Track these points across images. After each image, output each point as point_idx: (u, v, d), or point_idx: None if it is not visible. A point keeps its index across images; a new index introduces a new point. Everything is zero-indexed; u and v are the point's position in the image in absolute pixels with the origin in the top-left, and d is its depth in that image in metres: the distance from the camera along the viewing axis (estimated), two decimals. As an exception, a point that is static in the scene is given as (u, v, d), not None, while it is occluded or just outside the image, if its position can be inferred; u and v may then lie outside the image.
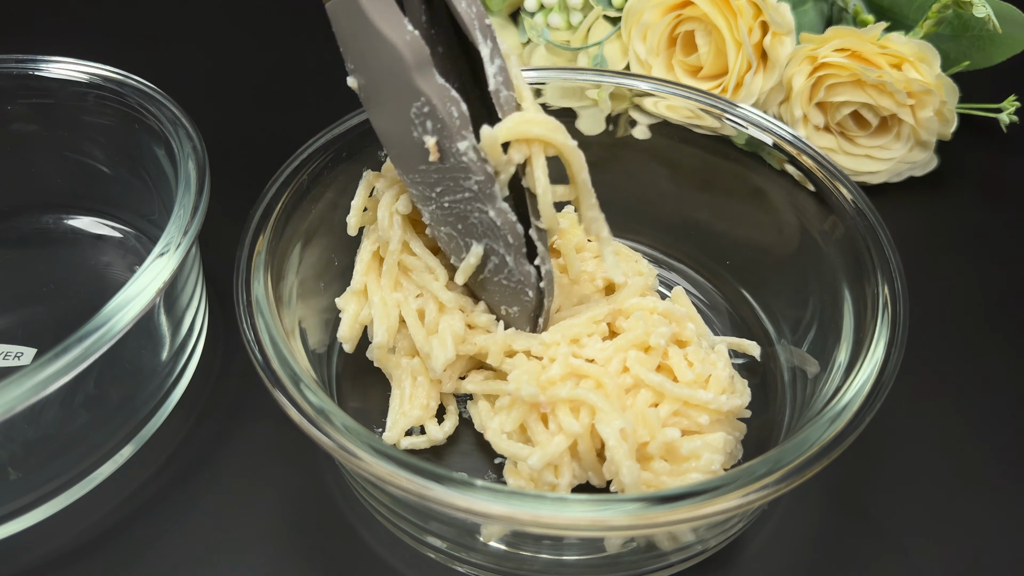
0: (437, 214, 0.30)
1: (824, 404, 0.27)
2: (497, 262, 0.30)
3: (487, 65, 0.28)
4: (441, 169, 0.28)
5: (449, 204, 0.29)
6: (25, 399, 0.25)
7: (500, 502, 0.23)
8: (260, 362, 0.27)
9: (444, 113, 0.27)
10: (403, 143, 0.29)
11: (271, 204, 0.31)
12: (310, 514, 0.32)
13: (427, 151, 0.28)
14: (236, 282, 0.29)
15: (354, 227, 0.34)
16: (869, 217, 0.31)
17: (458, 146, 0.27)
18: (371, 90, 0.29)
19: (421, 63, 0.26)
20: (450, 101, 0.27)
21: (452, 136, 0.27)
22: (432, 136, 0.27)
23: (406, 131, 0.28)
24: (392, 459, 0.24)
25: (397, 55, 0.26)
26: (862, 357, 0.27)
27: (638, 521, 0.23)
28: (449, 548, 0.30)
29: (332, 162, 0.34)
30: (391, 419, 0.33)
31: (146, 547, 0.31)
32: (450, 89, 0.27)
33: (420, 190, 0.30)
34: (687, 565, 0.30)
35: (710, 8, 0.42)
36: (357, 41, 0.28)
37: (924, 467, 0.34)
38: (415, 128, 0.28)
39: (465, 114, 0.27)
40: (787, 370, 0.34)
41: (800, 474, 0.24)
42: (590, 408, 0.29)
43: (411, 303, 0.33)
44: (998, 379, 0.37)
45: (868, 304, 0.29)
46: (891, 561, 0.31)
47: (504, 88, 0.28)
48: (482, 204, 0.28)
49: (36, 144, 0.40)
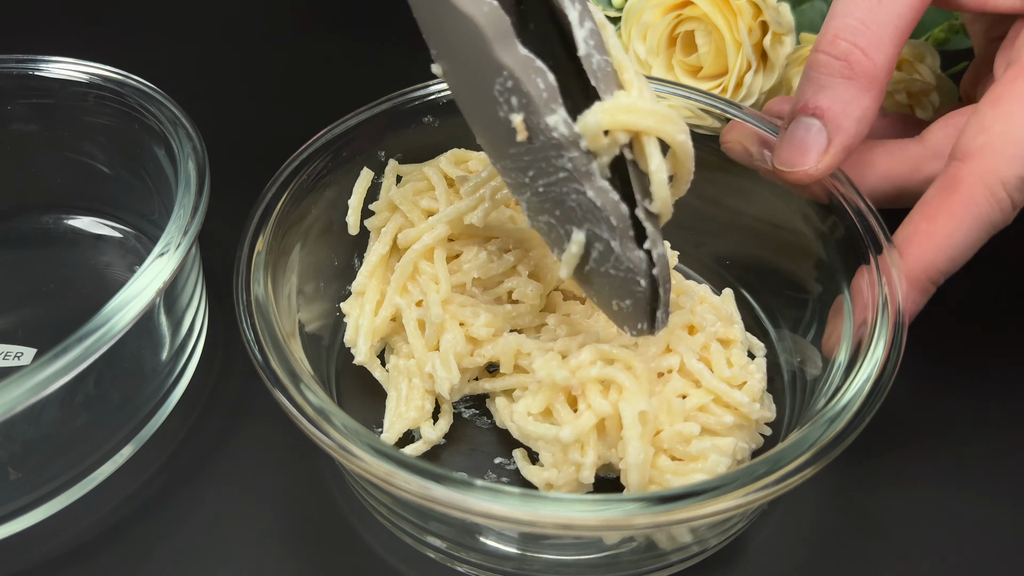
0: (533, 201, 0.28)
1: (824, 404, 0.27)
2: (602, 249, 0.27)
3: (575, 29, 0.25)
4: (532, 150, 0.26)
5: (544, 188, 0.27)
6: (25, 399, 0.25)
7: (500, 502, 0.23)
8: (260, 362, 0.27)
9: (529, 85, 0.24)
10: (491, 126, 0.27)
11: (271, 204, 0.31)
12: (310, 514, 0.32)
13: (514, 131, 0.25)
14: (236, 282, 0.29)
15: (354, 226, 0.34)
16: (868, 217, 0.31)
17: (547, 121, 0.24)
18: (455, 74, 0.27)
19: (501, 34, 0.24)
20: (535, 72, 0.24)
21: (539, 111, 0.24)
22: (518, 113, 0.25)
23: (492, 112, 0.26)
24: (392, 459, 0.24)
25: (475, 29, 0.24)
26: (862, 357, 0.27)
27: (637, 521, 0.23)
28: (449, 548, 0.30)
29: (332, 162, 0.34)
30: (388, 421, 0.33)
31: (146, 547, 0.31)
32: (534, 59, 0.24)
33: (514, 177, 0.27)
34: (687, 565, 0.30)
35: (710, 8, 0.42)
36: (436, 22, 0.26)
37: (924, 467, 0.34)
38: (500, 107, 0.25)
39: (553, 85, 0.24)
40: (787, 371, 0.34)
41: (799, 474, 0.24)
42: (619, 387, 0.29)
43: (412, 311, 0.33)
44: (999, 378, 0.37)
45: (868, 305, 0.29)
46: (891, 561, 0.31)
47: (596, 52, 0.25)
48: (579, 184, 0.25)
49: (36, 144, 0.40)
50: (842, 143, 0.29)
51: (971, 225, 0.28)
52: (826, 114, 0.29)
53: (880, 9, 0.29)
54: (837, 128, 0.29)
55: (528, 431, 0.30)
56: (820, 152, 0.29)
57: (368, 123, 0.35)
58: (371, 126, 0.35)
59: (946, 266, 0.29)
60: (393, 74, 0.36)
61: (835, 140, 0.29)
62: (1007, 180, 0.28)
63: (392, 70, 0.38)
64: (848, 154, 0.30)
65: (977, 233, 0.28)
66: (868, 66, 0.29)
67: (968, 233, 0.28)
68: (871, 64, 0.29)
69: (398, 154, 0.36)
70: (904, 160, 0.32)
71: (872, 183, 0.33)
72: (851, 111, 0.29)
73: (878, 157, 0.33)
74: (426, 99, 0.36)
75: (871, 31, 0.29)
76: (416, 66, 0.32)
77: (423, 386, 0.32)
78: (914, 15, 0.29)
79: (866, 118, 0.29)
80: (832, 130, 0.29)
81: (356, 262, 0.37)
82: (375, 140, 0.36)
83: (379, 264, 0.34)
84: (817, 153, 0.29)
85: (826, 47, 0.29)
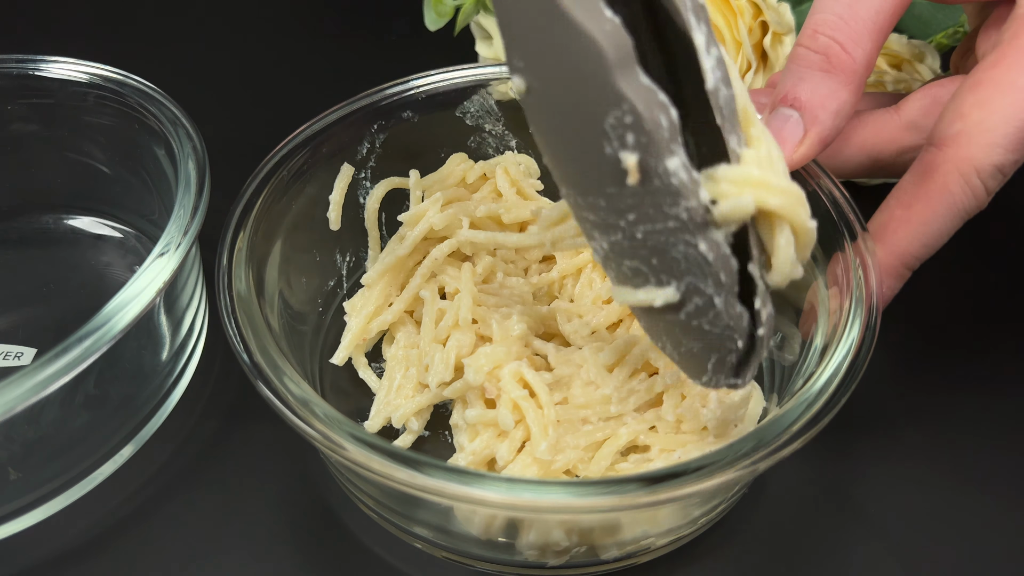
0: (623, 245, 0.24)
1: (801, 385, 0.27)
2: (700, 304, 0.24)
3: (702, 56, 0.22)
4: (639, 193, 0.22)
5: (644, 235, 0.23)
6: (25, 399, 0.25)
7: (478, 486, 0.23)
8: (243, 356, 0.27)
9: (651, 124, 0.21)
10: (586, 160, 0.23)
11: (251, 200, 0.31)
12: (310, 513, 0.32)
13: (623, 171, 0.22)
14: (218, 278, 0.29)
15: (335, 222, 0.35)
16: (843, 205, 0.31)
17: (667, 165, 0.21)
18: (546, 95, 0.23)
19: (623, 59, 0.20)
20: (658, 108, 0.21)
21: (660, 153, 0.21)
22: (634, 153, 0.21)
23: (595, 146, 0.22)
24: (374, 447, 0.24)
25: (593, 49, 0.20)
26: (837, 339, 0.28)
27: (617, 503, 0.23)
28: (435, 537, 0.30)
29: (312, 158, 0.34)
30: (375, 408, 0.33)
31: (146, 547, 0.31)
32: (657, 91, 0.21)
33: (600, 216, 0.24)
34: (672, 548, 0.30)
35: (710, 8, 0.42)
36: (532, 29, 0.21)
37: (925, 466, 0.34)
38: (610, 143, 0.22)
39: (676, 123, 0.21)
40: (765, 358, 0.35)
41: (785, 448, 0.24)
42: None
43: (435, 302, 0.34)
44: (996, 376, 0.37)
45: (843, 290, 0.29)
46: (891, 561, 0.31)
47: (724, 87, 0.22)
48: (691, 236, 0.22)
49: (36, 144, 0.40)
50: (818, 135, 0.29)
51: (945, 213, 0.29)
52: (804, 106, 0.29)
53: (859, 5, 0.29)
54: (814, 120, 0.29)
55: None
56: (795, 143, 0.29)
57: (347, 119, 0.35)
58: (350, 121, 0.35)
59: (920, 252, 0.29)
60: (397, 73, 0.36)
61: (811, 132, 0.29)
62: (982, 168, 0.28)
63: (396, 68, 0.38)
64: (824, 146, 0.30)
65: (951, 220, 0.29)
66: (846, 61, 0.29)
67: (942, 221, 0.29)
68: (849, 59, 0.29)
69: (378, 149, 0.36)
70: (880, 131, 0.33)
71: (848, 154, 0.33)
72: (828, 104, 0.29)
73: (853, 128, 0.33)
74: (405, 95, 0.36)
75: (849, 26, 0.29)
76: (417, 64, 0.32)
77: (417, 378, 0.33)
78: (894, 11, 0.30)
79: (843, 111, 0.30)
80: (809, 121, 0.29)
81: (338, 257, 0.37)
82: (355, 136, 0.36)
83: (395, 266, 0.35)
84: (793, 144, 0.30)
85: (806, 41, 0.30)
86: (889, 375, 0.36)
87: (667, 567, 0.31)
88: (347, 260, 0.37)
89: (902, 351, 0.37)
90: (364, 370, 0.35)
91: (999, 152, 0.28)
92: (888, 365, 0.36)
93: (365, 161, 0.36)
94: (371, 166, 0.36)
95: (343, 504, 0.32)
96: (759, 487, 0.33)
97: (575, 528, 0.27)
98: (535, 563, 0.29)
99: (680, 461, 0.24)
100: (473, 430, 0.31)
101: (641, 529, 0.28)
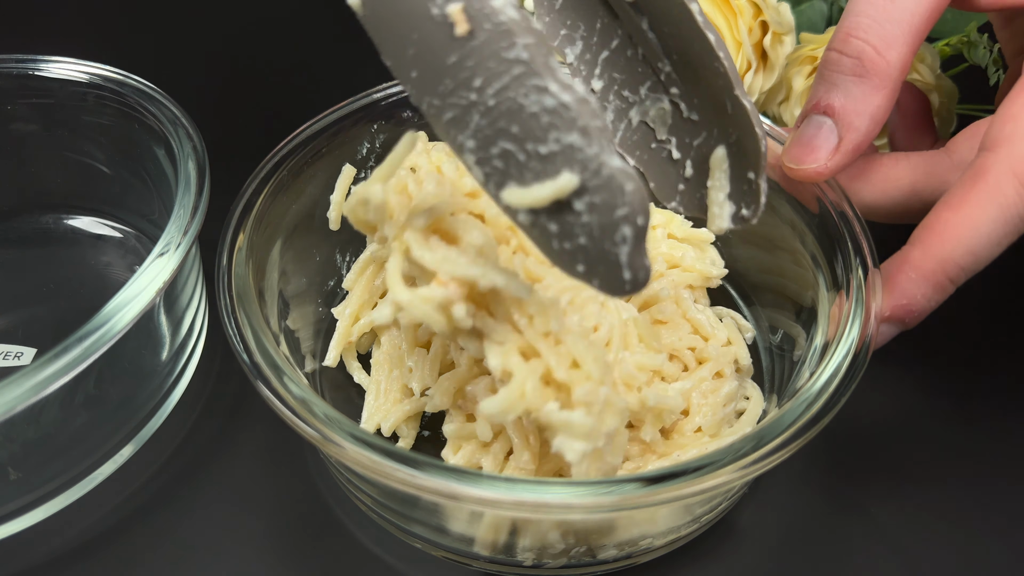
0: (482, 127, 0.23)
1: (802, 384, 0.27)
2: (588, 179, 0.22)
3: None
4: (475, 49, 0.22)
5: (496, 98, 0.22)
6: (25, 399, 0.25)
7: (477, 486, 0.23)
8: (243, 356, 0.27)
9: None
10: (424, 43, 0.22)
11: (251, 200, 0.31)
12: (310, 513, 0.32)
13: (452, 33, 0.22)
14: (217, 277, 0.29)
15: (336, 222, 0.35)
16: (845, 208, 0.31)
17: (492, 4, 0.21)
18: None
19: None
20: None
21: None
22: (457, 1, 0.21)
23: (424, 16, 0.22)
24: (372, 446, 0.24)
25: None
26: (837, 338, 0.28)
27: (624, 502, 0.23)
28: (434, 536, 0.30)
29: (312, 158, 0.34)
30: (365, 413, 0.33)
31: (146, 547, 0.31)
32: None
33: (455, 102, 0.23)
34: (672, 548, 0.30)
35: (710, 8, 0.42)
36: None
37: (925, 466, 0.34)
38: (434, 3, 0.21)
39: None
40: (764, 354, 0.35)
41: (785, 448, 0.24)
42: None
43: None
44: (997, 376, 0.37)
45: (845, 290, 0.29)
46: (891, 562, 0.31)
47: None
48: (539, 79, 0.21)
49: (36, 144, 0.40)
50: (853, 141, 0.29)
51: (996, 216, 0.27)
52: (837, 112, 0.29)
53: (893, 7, 0.28)
54: (848, 127, 0.29)
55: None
56: (831, 151, 0.29)
57: (347, 119, 0.35)
58: (350, 121, 0.35)
59: (965, 260, 0.27)
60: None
61: (846, 139, 0.29)
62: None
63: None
64: (859, 153, 0.29)
65: (1002, 225, 0.27)
66: (881, 64, 0.28)
67: (993, 225, 0.27)
68: (884, 62, 0.28)
69: (378, 149, 0.36)
70: (931, 173, 0.32)
71: (898, 197, 0.32)
72: (863, 109, 0.29)
73: (903, 171, 0.32)
74: (405, 95, 0.36)
75: (884, 29, 0.28)
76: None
77: (402, 379, 0.33)
78: (930, 14, 0.29)
79: (878, 117, 0.29)
80: (843, 128, 0.29)
81: (338, 257, 0.37)
82: (355, 136, 0.36)
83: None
84: (827, 151, 0.29)
85: (839, 45, 0.29)
86: (889, 375, 0.36)
87: (667, 567, 0.31)
88: (347, 260, 0.37)
89: (902, 351, 0.37)
90: (357, 372, 0.35)
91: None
92: (888, 365, 0.36)
93: (365, 161, 0.36)
94: (371, 166, 0.36)
95: (342, 504, 0.32)
96: (759, 487, 0.33)
97: (575, 528, 0.27)
98: (535, 563, 0.29)
99: (679, 461, 0.24)
100: (455, 443, 0.31)
101: (640, 529, 0.28)
